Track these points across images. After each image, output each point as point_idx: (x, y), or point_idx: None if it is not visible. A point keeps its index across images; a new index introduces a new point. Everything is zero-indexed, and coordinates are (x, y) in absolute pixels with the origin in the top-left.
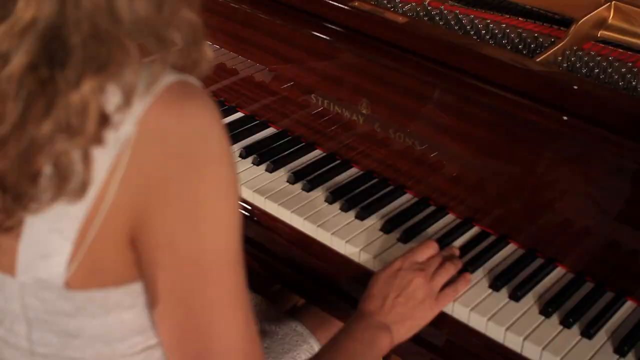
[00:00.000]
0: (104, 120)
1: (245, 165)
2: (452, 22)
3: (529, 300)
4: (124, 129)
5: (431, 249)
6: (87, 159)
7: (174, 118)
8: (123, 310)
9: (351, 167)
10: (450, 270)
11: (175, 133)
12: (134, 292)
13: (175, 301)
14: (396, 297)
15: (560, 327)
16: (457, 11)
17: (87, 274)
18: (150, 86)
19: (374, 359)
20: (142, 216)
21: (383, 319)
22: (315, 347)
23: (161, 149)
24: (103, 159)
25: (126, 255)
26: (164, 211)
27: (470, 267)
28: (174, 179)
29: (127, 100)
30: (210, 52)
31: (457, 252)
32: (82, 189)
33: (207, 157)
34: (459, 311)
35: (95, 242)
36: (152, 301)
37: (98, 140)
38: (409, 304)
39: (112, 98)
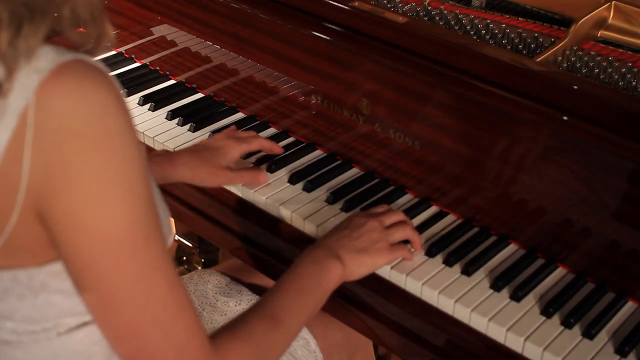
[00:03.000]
0: None
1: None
2: (452, 22)
3: (530, 300)
4: (16, 101)
5: (383, 207)
6: None
7: (68, 96)
8: (50, 293)
9: (352, 167)
10: (405, 229)
11: (71, 111)
12: (58, 274)
13: (94, 279)
14: (350, 232)
15: (561, 328)
16: (457, 11)
17: (7, 252)
18: (44, 62)
19: (322, 292)
20: (48, 196)
21: (334, 249)
22: (311, 343)
23: (58, 129)
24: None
25: (39, 233)
26: (68, 191)
27: (471, 267)
28: (73, 158)
29: (8, 70)
30: (110, 30)
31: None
32: None
33: (104, 134)
34: (460, 311)
35: (19, 220)
36: (73, 279)
37: None
38: (362, 240)
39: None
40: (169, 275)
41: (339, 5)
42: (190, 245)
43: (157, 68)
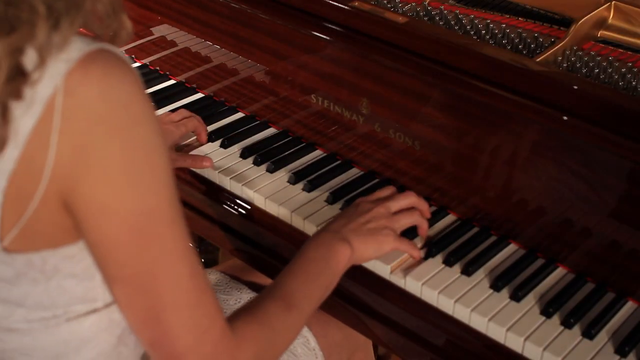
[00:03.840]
0: (21, 75)
1: (246, 166)
2: (452, 22)
3: (530, 300)
4: (44, 89)
5: (390, 190)
6: (4, 113)
7: (95, 84)
8: (63, 277)
9: (352, 167)
10: (413, 214)
11: (98, 99)
12: (72, 257)
13: (119, 263)
14: (357, 217)
15: (561, 328)
16: (457, 11)
17: (24, 237)
18: (72, 51)
19: (331, 275)
20: (73, 183)
21: (342, 232)
22: (311, 341)
23: (85, 116)
24: (25, 118)
25: (63, 219)
26: (93, 177)
27: (471, 267)
28: (99, 145)
29: (41, 59)
30: (129, 23)
31: (423, 201)
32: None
33: (129, 121)
34: (460, 311)
35: (38, 207)
36: (98, 265)
37: (15, 94)
38: (369, 225)
39: (30, 57)
40: (191, 261)
41: (339, 5)
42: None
43: (157, 68)
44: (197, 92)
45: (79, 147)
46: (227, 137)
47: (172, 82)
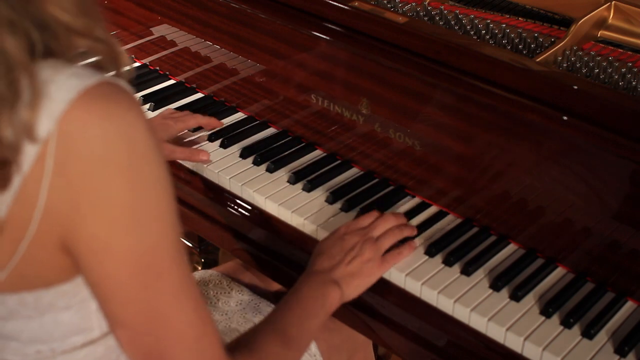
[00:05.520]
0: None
1: (246, 166)
2: (452, 22)
3: (530, 300)
4: (40, 132)
5: (372, 217)
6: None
7: (93, 125)
8: (58, 311)
9: (351, 167)
10: (395, 234)
11: (97, 141)
12: (66, 293)
13: (123, 302)
14: (343, 257)
15: (561, 328)
16: (457, 11)
17: (17, 277)
18: (67, 90)
19: (323, 314)
20: (72, 224)
21: (331, 275)
22: (311, 346)
23: (83, 159)
24: (22, 162)
25: (59, 260)
26: (96, 217)
27: (470, 267)
28: (100, 185)
29: (35, 96)
30: (126, 56)
31: (403, 219)
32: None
33: (132, 160)
34: (459, 311)
35: (28, 249)
36: (100, 305)
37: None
38: (355, 263)
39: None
40: (194, 293)
41: (339, 5)
42: (190, 245)
43: (157, 68)
44: (197, 92)
45: (76, 189)
46: (226, 137)
47: (172, 82)
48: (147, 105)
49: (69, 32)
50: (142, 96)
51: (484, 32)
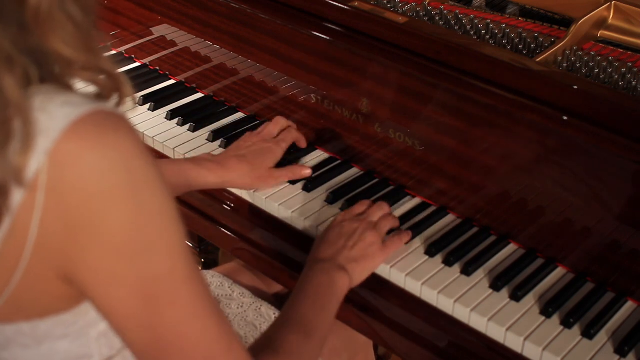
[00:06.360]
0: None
1: None
2: (452, 22)
3: (530, 300)
4: (31, 164)
5: (365, 204)
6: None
7: (90, 151)
8: (55, 340)
9: (352, 167)
10: (391, 219)
11: (91, 173)
12: (64, 322)
13: (136, 328)
14: (345, 242)
15: (561, 328)
16: (457, 11)
17: (13, 307)
18: (58, 120)
19: (336, 301)
20: (73, 255)
21: (336, 261)
22: None
23: (80, 186)
24: (16, 194)
25: (59, 288)
26: (97, 248)
27: (470, 267)
28: (100, 216)
29: (27, 139)
30: (130, 87)
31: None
32: None
33: (130, 189)
34: (460, 311)
35: (22, 280)
36: (114, 329)
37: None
38: (359, 246)
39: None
40: (214, 310)
41: (339, 5)
42: (190, 245)
43: (157, 68)
44: (196, 92)
45: (72, 222)
46: (226, 137)
47: (172, 82)
48: (147, 105)
49: (70, 66)
50: (142, 96)
51: (484, 32)
